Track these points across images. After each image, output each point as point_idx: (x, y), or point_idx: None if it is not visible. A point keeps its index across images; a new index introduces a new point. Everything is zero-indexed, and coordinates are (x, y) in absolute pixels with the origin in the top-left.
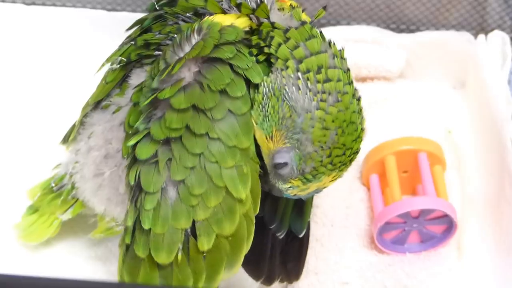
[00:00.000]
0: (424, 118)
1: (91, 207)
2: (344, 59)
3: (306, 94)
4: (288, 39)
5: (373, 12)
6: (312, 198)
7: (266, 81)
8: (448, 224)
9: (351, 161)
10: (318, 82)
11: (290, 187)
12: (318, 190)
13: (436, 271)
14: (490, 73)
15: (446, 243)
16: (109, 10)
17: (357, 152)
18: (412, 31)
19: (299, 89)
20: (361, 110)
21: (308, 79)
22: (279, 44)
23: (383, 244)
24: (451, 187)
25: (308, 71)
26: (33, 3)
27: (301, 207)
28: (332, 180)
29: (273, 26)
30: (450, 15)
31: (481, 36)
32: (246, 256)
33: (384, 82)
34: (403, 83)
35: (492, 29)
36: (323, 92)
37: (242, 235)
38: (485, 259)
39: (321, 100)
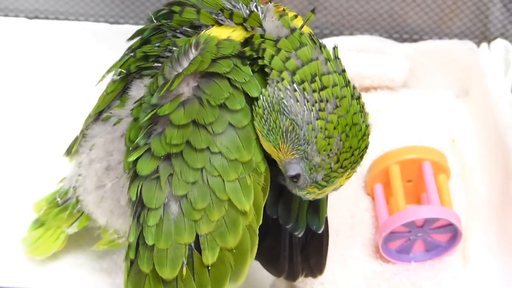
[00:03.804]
0: (428, 127)
1: (94, 219)
2: (338, 59)
3: (305, 105)
4: (279, 50)
5: (375, 22)
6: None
7: (264, 95)
8: (453, 233)
9: (361, 157)
10: (314, 91)
11: (307, 193)
12: (335, 189)
13: (442, 279)
14: (493, 81)
15: (451, 252)
16: (111, 23)
17: (366, 148)
18: (415, 40)
19: (297, 101)
20: (362, 107)
21: (304, 89)
22: (272, 56)
23: (388, 254)
24: (456, 195)
25: (302, 81)
26: (36, 17)
27: (317, 204)
28: (348, 178)
29: (263, 36)
30: (452, 24)
31: (484, 45)
32: (264, 256)
33: (388, 92)
34: (407, 92)
35: (495, 38)
36: (321, 101)
37: (246, 247)
38: (490, 266)
39: (320, 110)
